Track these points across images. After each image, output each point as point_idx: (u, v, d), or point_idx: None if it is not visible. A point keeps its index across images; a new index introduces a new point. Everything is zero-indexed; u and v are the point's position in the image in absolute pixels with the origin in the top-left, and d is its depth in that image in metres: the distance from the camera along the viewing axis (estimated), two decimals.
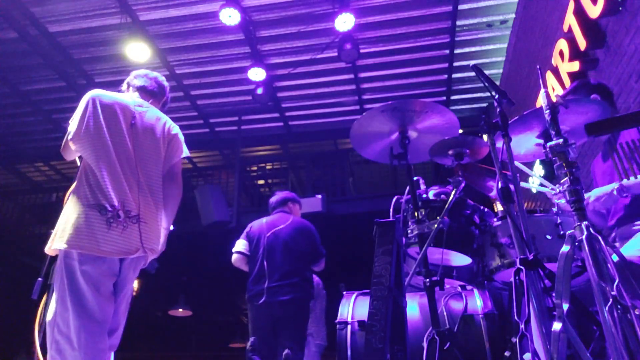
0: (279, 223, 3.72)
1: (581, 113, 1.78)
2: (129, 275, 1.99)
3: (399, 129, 2.21)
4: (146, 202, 2.01)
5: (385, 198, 2.98)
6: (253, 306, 3.46)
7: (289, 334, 3.38)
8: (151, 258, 2.06)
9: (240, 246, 3.68)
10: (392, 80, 7.28)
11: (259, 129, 8.57)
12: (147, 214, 2.00)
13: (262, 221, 3.77)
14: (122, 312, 1.99)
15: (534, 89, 5.22)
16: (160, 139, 2.16)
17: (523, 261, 1.53)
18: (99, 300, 1.83)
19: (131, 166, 2.02)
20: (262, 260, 3.53)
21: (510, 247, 2.10)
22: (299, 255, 3.58)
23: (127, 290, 2.01)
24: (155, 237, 2.03)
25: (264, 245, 3.58)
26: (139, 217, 1.96)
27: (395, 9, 6.01)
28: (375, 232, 1.89)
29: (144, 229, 1.97)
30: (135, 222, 1.94)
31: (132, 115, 2.11)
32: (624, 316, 1.22)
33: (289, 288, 3.41)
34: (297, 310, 3.44)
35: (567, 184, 1.45)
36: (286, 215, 3.83)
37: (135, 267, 2.02)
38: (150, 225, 2.01)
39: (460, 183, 2.15)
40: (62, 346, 1.76)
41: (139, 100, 2.23)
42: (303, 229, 3.74)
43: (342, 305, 2.47)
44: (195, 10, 6.00)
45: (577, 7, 3.69)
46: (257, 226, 3.74)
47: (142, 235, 1.95)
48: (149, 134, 2.12)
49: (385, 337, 1.56)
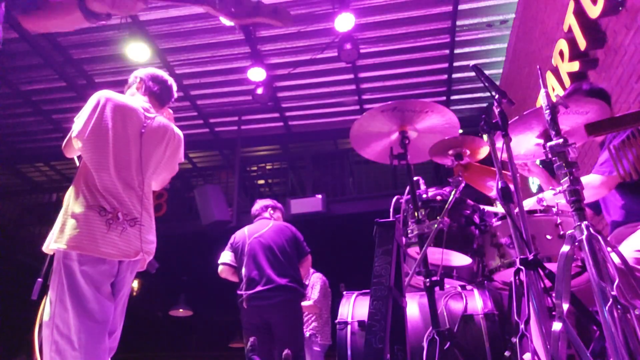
0: (260, 229, 3.78)
1: (581, 113, 1.78)
2: (127, 278, 1.99)
3: (399, 129, 2.21)
4: (144, 207, 2.03)
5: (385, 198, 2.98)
6: (245, 311, 3.49)
7: (285, 335, 3.41)
8: (148, 260, 2.07)
9: (226, 257, 3.74)
10: (392, 80, 7.28)
11: (259, 129, 8.57)
12: (146, 218, 2.01)
13: (244, 231, 3.83)
14: (119, 314, 1.99)
15: (534, 89, 5.22)
16: (164, 147, 2.17)
17: (523, 261, 1.53)
18: (100, 300, 1.83)
19: (133, 171, 2.02)
20: (249, 267, 3.57)
21: (510, 247, 2.10)
22: (284, 257, 3.61)
23: (124, 292, 2.01)
24: (152, 240, 2.05)
25: (248, 252, 3.62)
26: (139, 221, 1.97)
27: (395, 9, 6.01)
28: (375, 232, 1.88)
29: (143, 232, 1.98)
30: (134, 224, 1.95)
31: (140, 121, 2.10)
32: (624, 316, 1.22)
33: (278, 291, 3.44)
34: (288, 311, 3.47)
35: (567, 184, 1.45)
36: (266, 220, 3.90)
37: (132, 270, 2.02)
38: (148, 229, 2.02)
39: (460, 183, 2.15)
40: (62, 347, 1.75)
41: (146, 105, 2.22)
42: (283, 230, 3.77)
43: (342, 305, 2.48)
44: (196, 10, 5.99)
45: (577, 7, 3.69)
46: (240, 236, 3.80)
47: (142, 237, 1.96)
48: (154, 142, 2.13)
49: (385, 337, 1.56)
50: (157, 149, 2.13)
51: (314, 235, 8.17)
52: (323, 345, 4.85)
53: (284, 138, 8.87)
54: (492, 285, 2.38)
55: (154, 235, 2.09)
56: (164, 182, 2.31)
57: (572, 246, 1.39)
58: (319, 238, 8.31)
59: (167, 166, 2.22)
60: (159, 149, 2.14)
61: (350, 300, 2.49)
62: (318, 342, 4.80)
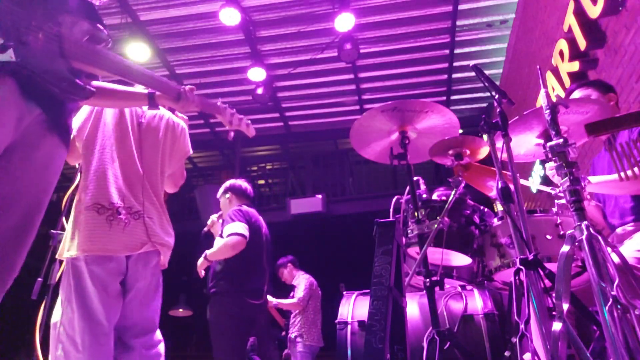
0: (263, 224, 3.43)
1: (581, 113, 1.78)
2: (140, 272, 1.94)
3: (399, 129, 2.21)
4: (151, 201, 2.01)
5: (385, 198, 2.98)
6: (248, 304, 3.06)
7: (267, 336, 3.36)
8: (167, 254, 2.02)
9: (245, 229, 3.08)
10: (392, 80, 7.28)
11: (259, 129, 8.52)
12: (152, 211, 1.99)
13: (256, 213, 3.37)
14: (137, 308, 1.93)
15: (534, 89, 5.22)
16: (163, 135, 2.15)
17: (523, 261, 1.53)
18: (107, 301, 1.82)
19: (134, 165, 2.01)
20: (263, 256, 3.27)
21: (510, 247, 2.10)
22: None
23: (140, 287, 1.95)
24: (164, 233, 2.00)
25: (264, 242, 3.32)
26: (143, 213, 1.95)
27: (395, 9, 6.01)
28: (375, 232, 1.88)
29: (149, 224, 1.95)
30: (138, 217, 1.93)
31: (138, 115, 2.11)
32: (624, 316, 1.22)
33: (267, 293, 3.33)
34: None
35: (567, 184, 1.45)
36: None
37: (146, 263, 1.95)
38: (156, 222, 1.99)
39: (460, 183, 2.15)
40: (67, 348, 1.76)
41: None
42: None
43: (342, 305, 2.47)
44: (195, 10, 6.00)
45: (577, 7, 3.69)
46: (255, 216, 3.32)
47: (147, 229, 1.93)
48: (152, 132, 2.12)
49: (385, 337, 1.56)
50: (156, 138, 2.12)
51: (314, 235, 8.22)
52: (310, 346, 4.77)
53: (284, 138, 8.87)
54: (492, 285, 2.38)
55: (168, 227, 2.04)
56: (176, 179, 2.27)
57: (572, 246, 1.39)
58: (319, 238, 8.35)
59: (173, 156, 2.19)
60: (158, 138, 2.13)
61: (350, 300, 2.49)
62: (303, 343, 4.75)
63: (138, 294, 1.95)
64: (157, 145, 2.12)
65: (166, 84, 1.77)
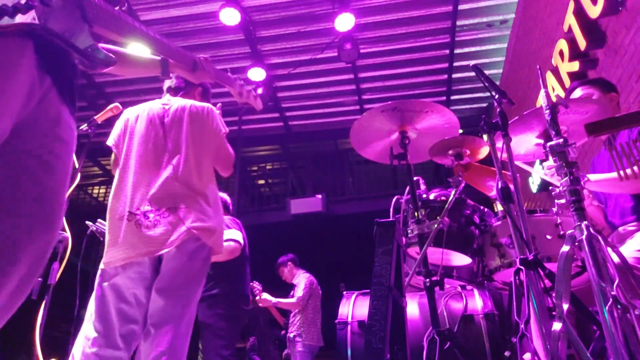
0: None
1: (581, 113, 1.78)
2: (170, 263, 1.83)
3: (399, 129, 2.21)
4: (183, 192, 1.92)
5: (385, 198, 2.98)
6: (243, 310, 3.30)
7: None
8: (211, 238, 1.90)
9: (241, 237, 3.23)
10: (392, 80, 7.28)
11: (259, 129, 8.56)
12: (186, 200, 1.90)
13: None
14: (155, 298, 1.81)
15: (534, 89, 5.22)
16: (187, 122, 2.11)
17: (523, 261, 1.53)
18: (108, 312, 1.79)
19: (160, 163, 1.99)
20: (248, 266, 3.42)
21: (510, 247, 2.10)
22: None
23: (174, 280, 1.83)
24: (201, 218, 1.89)
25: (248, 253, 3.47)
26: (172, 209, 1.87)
27: (395, 9, 6.01)
28: (375, 232, 1.88)
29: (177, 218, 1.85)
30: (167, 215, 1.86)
31: (160, 114, 2.12)
32: (624, 316, 1.22)
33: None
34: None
35: (567, 184, 1.45)
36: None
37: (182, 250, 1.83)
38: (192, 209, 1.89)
39: (460, 183, 2.15)
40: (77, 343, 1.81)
41: (165, 99, 2.25)
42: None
43: (342, 305, 2.48)
44: (195, 10, 6.00)
45: (577, 7, 3.69)
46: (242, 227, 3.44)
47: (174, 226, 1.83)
48: (177, 123, 2.11)
49: (385, 337, 1.56)
50: (181, 127, 2.10)
51: (314, 235, 8.23)
52: (310, 346, 4.76)
53: (284, 138, 8.87)
54: (492, 285, 2.38)
55: (209, 211, 1.94)
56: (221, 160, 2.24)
57: (572, 246, 1.39)
58: (319, 238, 8.35)
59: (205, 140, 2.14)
60: (183, 125, 2.10)
61: (350, 300, 2.49)
62: (302, 343, 4.74)
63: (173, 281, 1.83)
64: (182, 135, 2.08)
65: (183, 53, 1.73)
